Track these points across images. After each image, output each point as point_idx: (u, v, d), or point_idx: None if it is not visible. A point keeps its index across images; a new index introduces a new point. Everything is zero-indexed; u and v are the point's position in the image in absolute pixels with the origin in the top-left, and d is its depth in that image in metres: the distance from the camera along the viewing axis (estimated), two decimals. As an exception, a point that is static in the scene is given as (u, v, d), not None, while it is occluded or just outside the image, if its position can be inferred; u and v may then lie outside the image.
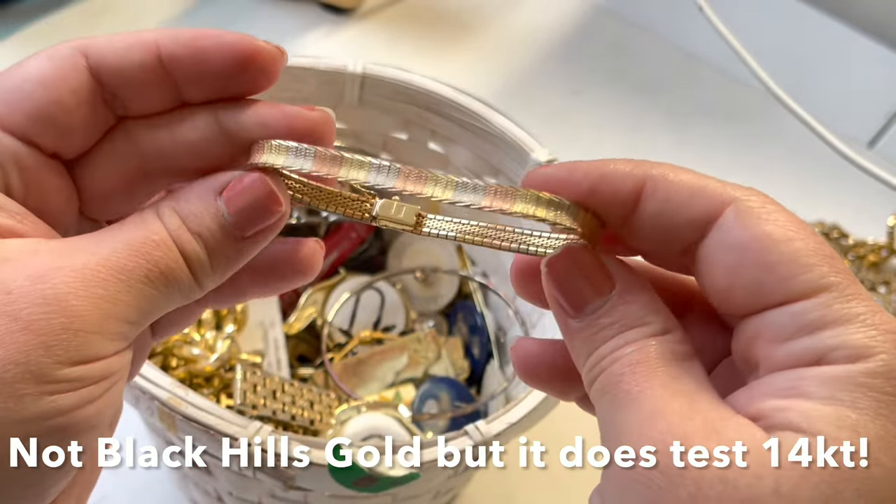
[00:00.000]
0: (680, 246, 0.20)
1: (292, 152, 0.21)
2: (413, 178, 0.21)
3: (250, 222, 0.21)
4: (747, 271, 0.18)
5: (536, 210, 0.20)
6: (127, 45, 0.21)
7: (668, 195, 0.19)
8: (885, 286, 0.66)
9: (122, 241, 0.20)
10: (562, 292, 0.20)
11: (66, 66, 0.21)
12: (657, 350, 0.19)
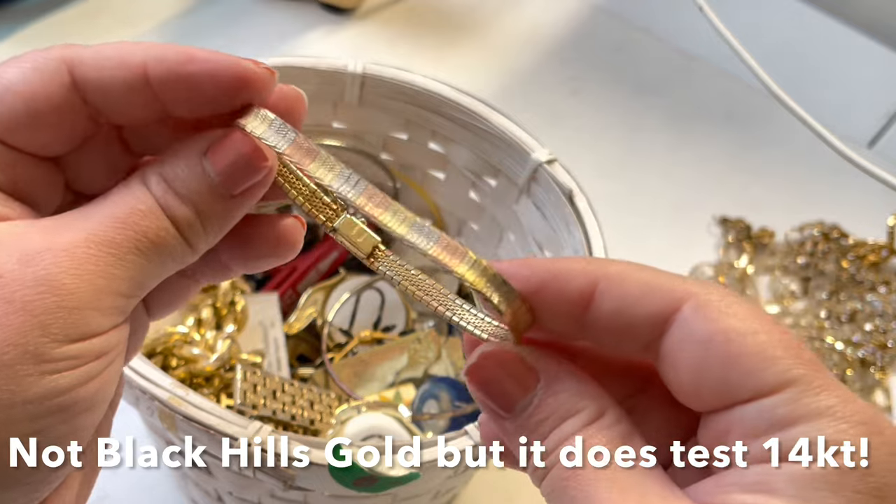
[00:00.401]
0: (638, 343, 0.19)
1: (274, 127, 0.21)
2: (376, 202, 0.20)
3: (238, 180, 0.21)
4: (712, 367, 0.18)
5: (476, 280, 0.19)
6: (113, 65, 0.21)
7: (623, 293, 0.19)
8: (885, 286, 0.66)
9: (109, 215, 0.20)
10: (488, 396, 0.20)
11: (50, 81, 0.20)
12: (597, 441, 0.19)
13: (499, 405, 0.20)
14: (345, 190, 0.20)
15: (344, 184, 0.20)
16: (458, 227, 0.53)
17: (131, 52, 0.21)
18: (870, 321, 0.64)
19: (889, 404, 0.61)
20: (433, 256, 0.20)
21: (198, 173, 0.20)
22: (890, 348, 0.63)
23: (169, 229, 0.20)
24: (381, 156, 0.52)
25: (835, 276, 0.67)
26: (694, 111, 0.79)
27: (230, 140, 0.21)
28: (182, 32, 0.72)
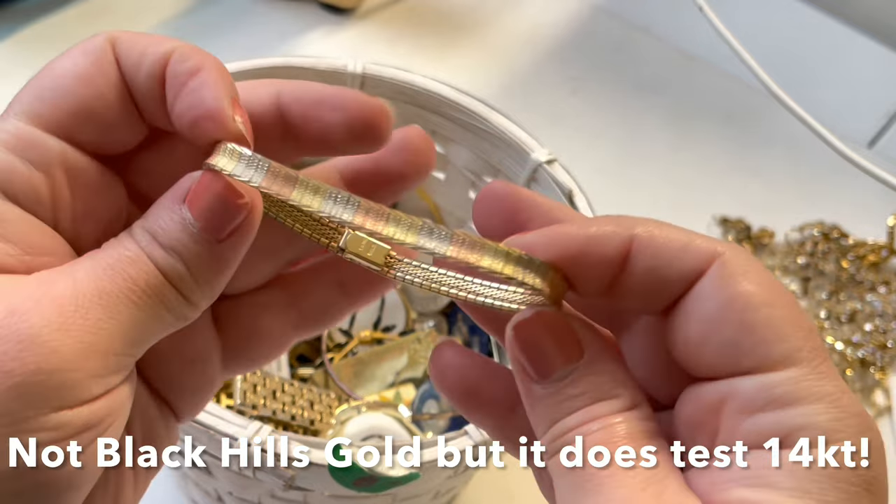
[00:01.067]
0: (666, 302, 0.19)
1: (244, 161, 0.19)
2: (374, 215, 0.19)
3: (218, 224, 0.19)
4: (724, 329, 0.18)
5: (504, 267, 0.19)
6: (143, 51, 0.20)
7: (657, 251, 0.19)
8: (885, 286, 0.66)
9: (99, 264, 0.19)
10: (528, 357, 0.19)
11: (102, 60, 0.20)
12: (625, 430, 0.18)
13: (536, 368, 0.19)
14: (337, 212, 0.19)
15: (334, 206, 0.19)
16: (459, 228, 0.53)
17: (161, 41, 0.20)
18: (870, 321, 0.64)
19: (889, 404, 0.61)
20: (453, 258, 0.19)
21: (178, 222, 0.19)
22: (890, 348, 0.63)
23: (160, 279, 0.19)
24: (381, 156, 0.52)
25: (835, 276, 0.67)
26: (694, 111, 0.79)
27: (202, 183, 0.19)
28: (182, 32, 0.72)
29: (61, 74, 0.20)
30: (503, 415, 0.21)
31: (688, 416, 0.19)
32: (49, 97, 0.20)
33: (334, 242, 0.22)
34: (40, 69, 0.20)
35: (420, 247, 0.19)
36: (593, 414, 0.18)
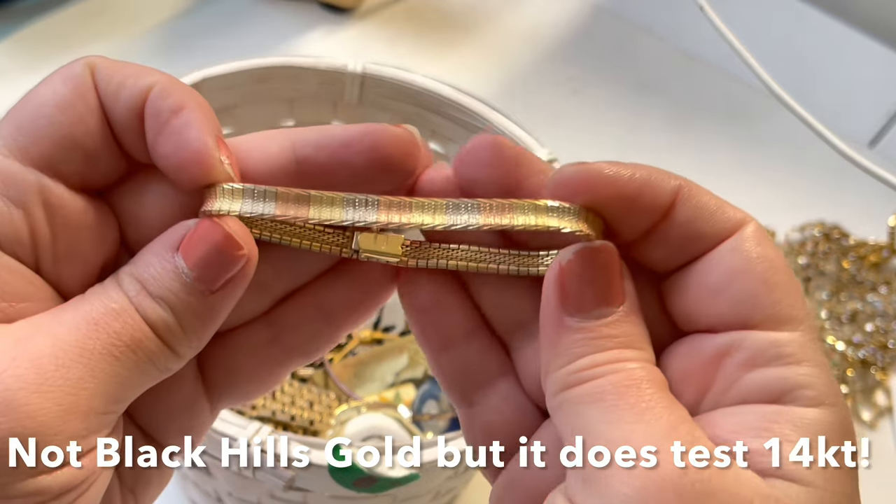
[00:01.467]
0: (693, 255, 0.19)
1: (249, 195, 0.19)
2: (396, 208, 0.19)
3: (213, 274, 0.19)
4: (748, 280, 0.18)
5: (539, 220, 0.19)
6: (122, 83, 0.19)
7: (699, 205, 0.19)
8: (885, 286, 0.66)
9: (82, 317, 0.18)
10: (577, 289, 0.19)
11: (82, 87, 0.19)
12: (655, 375, 0.18)
13: (577, 301, 0.19)
14: (359, 216, 0.19)
15: (354, 211, 0.19)
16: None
17: (141, 75, 0.19)
18: (870, 321, 0.64)
19: (890, 405, 0.61)
20: (487, 226, 0.19)
21: (171, 270, 0.18)
22: (890, 349, 0.63)
23: (145, 331, 0.18)
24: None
25: (835, 277, 0.67)
26: (694, 111, 0.79)
27: (199, 231, 0.19)
28: (182, 32, 0.72)
29: (41, 103, 0.19)
30: (442, 346, 0.21)
31: (679, 367, 0.19)
32: (29, 126, 0.19)
33: (346, 248, 0.21)
34: (21, 97, 0.20)
35: (451, 225, 0.19)
36: (627, 356, 0.18)
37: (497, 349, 0.22)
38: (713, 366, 0.19)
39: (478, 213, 0.19)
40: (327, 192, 0.19)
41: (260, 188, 0.19)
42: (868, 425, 0.60)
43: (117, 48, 0.69)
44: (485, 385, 0.21)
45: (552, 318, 0.19)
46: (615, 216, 0.19)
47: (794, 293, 0.19)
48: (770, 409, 0.18)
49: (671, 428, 0.17)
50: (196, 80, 0.44)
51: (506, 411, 0.21)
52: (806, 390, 0.18)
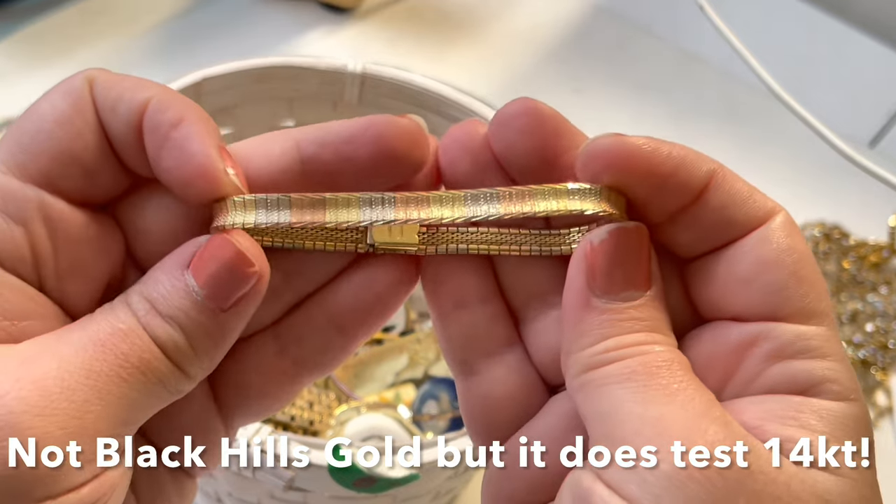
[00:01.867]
0: (722, 241, 0.19)
1: (262, 205, 0.19)
2: (414, 204, 0.19)
3: (225, 292, 0.18)
4: (779, 271, 0.18)
5: (562, 204, 0.18)
6: (118, 97, 0.19)
7: (732, 190, 0.19)
8: (886, 286, 0.66)
9: (89, 338, 0.17)
10: (606, 269, 0.18)
11: (80, 101, 0.19)
12: (683, 358, 0.18)
13: (602, 283, 0.18)
14: (377, 215, 0.19)
15: (371, 211, 0.19)
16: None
17: (139, 88, 0.19)
18: (871, 322, 0.64)
19: (890, 405, 0.61)
20: (508, 215, 0.18)
21: (181, 289, 0.18)
22: (891, 349, 0.63)
23: (155, 353, 0.18)
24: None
25: (836, 277, 0.67)
26: (695, 111, 0.78)
27: (209, 248, 0.18)
28: (182, 32, 0.72)
29: (40, 118, 0.19)
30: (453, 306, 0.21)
31: (702, 354, 0.19)
32: (28, 142, 0.19)
33: (361, 244, 0.20)
34: (23, 112, 0.19)
35: (471, 217, 0.19)
36: (654, 339, 0.18)
37: (507, 319, 0.21)
38: (738, 355, 0.18)
39: (497, 203, 0.19)
40: (342, 193, 0.19)
41: (272, 197, 0.19)
42: (868, 425, 0.60)
43: (117, 48, 0.69)
44: (491, 354, 0.21)
45: (578, 298, 0.19)
46: (645, 195, 0.19)
47: (820, 287, 0.18)
48: (796, 400, 0.18)
49: (705, 410, 0.17)
50: (196, 80, 0.44)
51: (510, 384, 0.21)
52: (831, 384, 0.18)
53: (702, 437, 0.16)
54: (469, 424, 0.21)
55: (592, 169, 0.19)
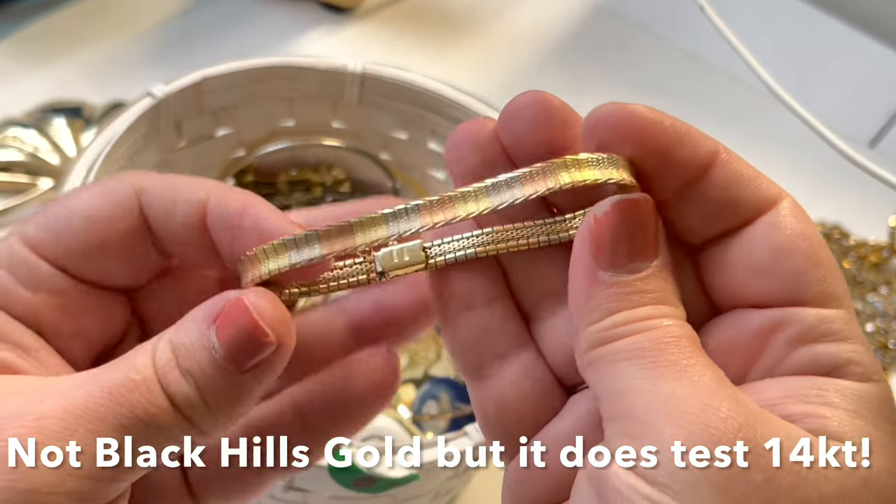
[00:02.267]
0: (729, 223, 0.19)
1: (292, 246, 0.19)
2: (438, 207, 0.19)
3: (242, 356, 0.18)
4: (796, 257, 0.18)
5: (584, 174, 0.18)
6: (176, 196, 0.20)
7: (740, 169, 0.19)
8: (886, 286, 0.66)
9: (99, 384, 0.18)
10: (612, 242, 0.18)
11: (118, 206, 0.20)
12: (691, 332, 0.18)
13: (608, 255, 0.18)
14: (404, 227, 0.19)
15: (398, 223, 0.19)
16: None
17: (194, 189, 0.20)
18: (871, 322, 0.64)
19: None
20: (534, 195, 0.18)
21: (204, 344, 0.18)
22: (891, 349, 0.63)
23: (162, 405, 0.18)
24: (381, 155, 0.52)
25: (836, 276, 0.67)
26: (695, 110, 0.78)
27: (230, 310, 0.18)
28: (182, 32, 0.72)
29: (74, 210, 0.20)
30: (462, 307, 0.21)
31: (722, 341, 0.19)
32: (54, 229, 0.20)
33: (372, 273, 0.20)
34: (59, 197, 0.20)
35: (499, 205, 0.18)
36: (663, 312, 0.18)
37: (518, 320, 0.21)
38: (760, 340, 0.18)
39: (521, 186, 0.18)
40: (366, 213, 0.19)
41: (300, 234, 0.19)
42: (868, 425, 0.60)
43: (117, 48, 0.69)
44: (504, 355, 0.21)
45: (585, 272, 0.18)
46: (651, 167, 0.19)
47: (836, 270, 0.19)
48: (820, 380, 0.18)
49: (716, 387, 0.17)
50: (196, 80, 0.44)
51: (524, 385, 0.20)
52: (855, 366, 0.18)
53: (714, 415, 0.16)
54: (485, 429, 0.21)
55: (598, 135, 0.19)
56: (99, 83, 0.65)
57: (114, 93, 0.63)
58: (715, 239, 0.19)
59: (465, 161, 0.20)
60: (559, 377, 0.21)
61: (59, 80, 0.64)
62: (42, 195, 0.57)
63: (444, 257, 0.20)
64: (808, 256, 0.18)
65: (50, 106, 0.61)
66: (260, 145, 0.50)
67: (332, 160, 0.53)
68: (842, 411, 0.17)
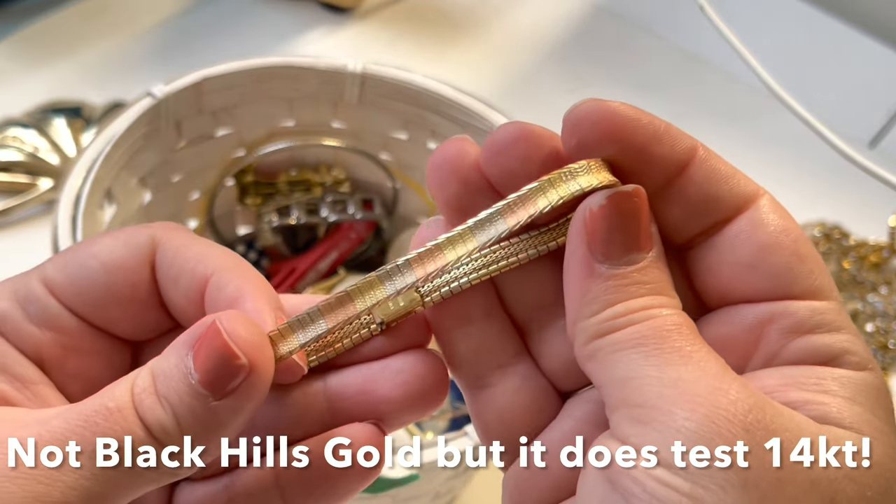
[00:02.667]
0: (711, 220, 0.19)
1: (298, 327, 0.19)
2: (428, 257, 0.19)
3: (217, 381, 0.18)
4: (781, 253, 0.19)
5: (563, 189, 0.18)
6: (186, 261, 0.20)
7: (718, 166, 0.19)
8: (886, 286, 0.66)
9: (77, 411, 0.17)
10: (607, 234, 0.18)
11: (135, 258, 0.20)
12: (689, 321, 0.18)
13: (603, 248, 0.18)
14: (400, 283, 0.19)
15: (394, 283, 0.19)
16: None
17: (200, 261, 0.20)
18: (871, 322, 0.64)
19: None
20: (519, 225, 0.19)
21: (182, 370, 0.18)
22: (891, 349, 0.63)
23: (137, 433, 0.17)
24: (381, 156, 0.52)
25: (836, 277, 0.67)
26: (695, 110, 0.78)
27: (207, 334, 0.18)
28: (182, 32, 0.72)
29: (92, 255, 0.20)
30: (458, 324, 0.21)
31: (717, 336, 0.19)
32: (70, 271, 0.20)
33: (373, 324, 0.21)
34: (80, 240, 0.20)
35: (485, 243, 0.19)
36: (661, 302, 0.18)
37: (514, 332, 0.21)
38: (755, 333, 0.19)
39: (503, 220, 0.19)
40: (359, 279, 0.20)
41: (302, 315, 0.19)
42: (868, 425, 0.60)
43: (117, 48, 0.69)
44: (503, 365, 0.21)
45: (581, 266, 0.18)
46: (630, 164, 0.19)
47: (821, 264, 0.19)
48: (818, 369, 0.18)
49: (722, 372, 0.17)
50: (196, 80, 0.44)
51: (524, 394, 0.21)
52: (850, 356, 0.18)
53: (724, 397, 0.16)
54: (484, 437, 0.21)
55: (578, 134, 0.19)
56: (99, 83, 0.65)
57: (114, 93, 0.63)
58: (698, 237, 0.20)
59: (448, 188, 0.20)
60: (556, 385, 0.21)
61: (59, 80, 0.64)
62: (42, 195, 0.57)
63: (439, 293, 0.20)
64: (793, 252, 0.19)
65: (50, 106, 0.61)
66: (260, 145, 0.50)
67: (332, 160, 0.53)
68: (840, 399, 0.17)
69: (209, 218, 0.51)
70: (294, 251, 0.54)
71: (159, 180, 0.47)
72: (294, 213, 0.52)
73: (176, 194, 0.48)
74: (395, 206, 0.54)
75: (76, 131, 0.60)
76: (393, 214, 0.54)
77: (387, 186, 0.53)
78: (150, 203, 0.46)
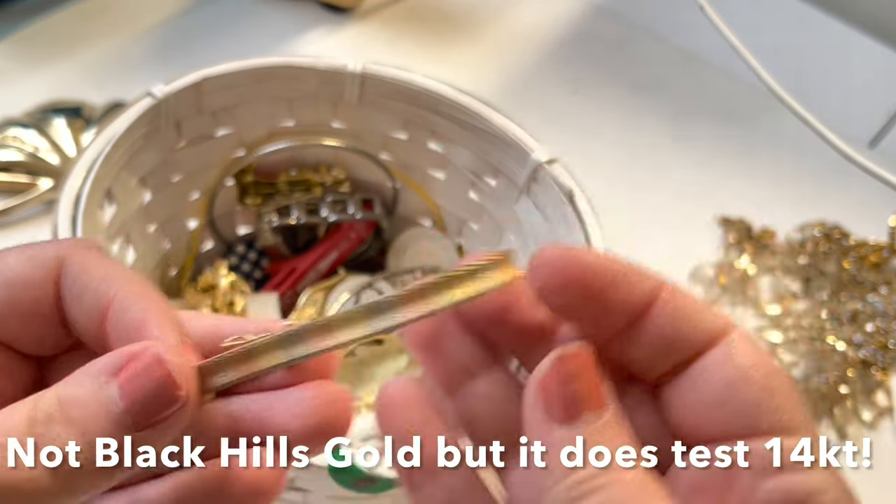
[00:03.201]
0: (678, 359, 0.19)
1: (274, 341, 0.20)
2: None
3: (148, 409, 0.17)
4: (749, 388, 0.18)
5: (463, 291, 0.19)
6: (84, 289, 0.20)
7: (682, 305, 0.19)
8: (886, 286, 0.66)
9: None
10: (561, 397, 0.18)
11: (40, 273, 0.20)
12: (655, 475, 0.18)
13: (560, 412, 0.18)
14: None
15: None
16: (459, 228, 0.53)
17: (103, 284, 0.19)
18: (871, 322, 0.64)
19: (890, 405, 0.61)
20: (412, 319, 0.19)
21: (99, 398, 0.17)
22: (891, 349, 0.63)
23: (21, 469, 0.16)
24: (381, 156, 0.52)
25: (836, 277, 0.67)
26: (695, 110, 0.78)
27: (141, 363, 0.18)
28: (182, 32, 0.72)
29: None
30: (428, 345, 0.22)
31: (695, 478, 0.19)
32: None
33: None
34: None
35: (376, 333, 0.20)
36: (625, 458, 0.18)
37: (484, 347, 0.22)
38: (727, 474, 0.19)
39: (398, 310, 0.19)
40: (335, 314, 0.20)
41: (285, 332, 0.20)
42: (868, 425, 0.60)
43: (117, 48, 0.69)
44: (475, 375, 0.21)
45: (540, 431, 0.19)
46: (591, 310, 0.19)
47: (793, 396, 0.19)
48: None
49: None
50: (196, 80, 0.44)
51: (496, 398, 0.21)
52: (823, 495, 0.18)
53: None
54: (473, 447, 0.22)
55: (538, 280, 0.19)
56: (99, 83, 0.65)
57: (114, 93, 0.63)
58: (667, 375, 0.20)
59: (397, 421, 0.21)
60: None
61: (59, 80, 0.64)
62: (42, 195, 0.57)
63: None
64: (762, 387, 0.19)
65: (50, 106, 0.61)
66: (260, 145, 0.50)
67: (332, 160, 0.53)
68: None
69: (209, 218, 0.51)
70: (294, 251, 0.54)
71: (159, 180, 0.47)
72: (294, 213, 0.52)
73: (176, 194, 0.48)
74: (395, 206, 0.54)
75: (76, 131, 0.60)
76: (393, 214, 0.54)
77: (387, 186, 0.53)
78: (150, 203, 0.46)
